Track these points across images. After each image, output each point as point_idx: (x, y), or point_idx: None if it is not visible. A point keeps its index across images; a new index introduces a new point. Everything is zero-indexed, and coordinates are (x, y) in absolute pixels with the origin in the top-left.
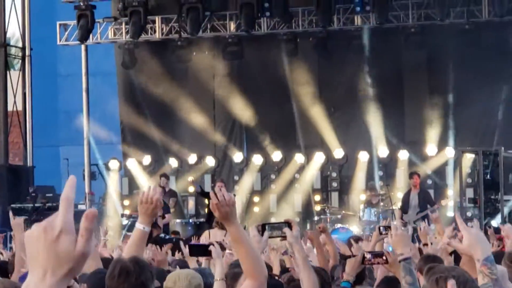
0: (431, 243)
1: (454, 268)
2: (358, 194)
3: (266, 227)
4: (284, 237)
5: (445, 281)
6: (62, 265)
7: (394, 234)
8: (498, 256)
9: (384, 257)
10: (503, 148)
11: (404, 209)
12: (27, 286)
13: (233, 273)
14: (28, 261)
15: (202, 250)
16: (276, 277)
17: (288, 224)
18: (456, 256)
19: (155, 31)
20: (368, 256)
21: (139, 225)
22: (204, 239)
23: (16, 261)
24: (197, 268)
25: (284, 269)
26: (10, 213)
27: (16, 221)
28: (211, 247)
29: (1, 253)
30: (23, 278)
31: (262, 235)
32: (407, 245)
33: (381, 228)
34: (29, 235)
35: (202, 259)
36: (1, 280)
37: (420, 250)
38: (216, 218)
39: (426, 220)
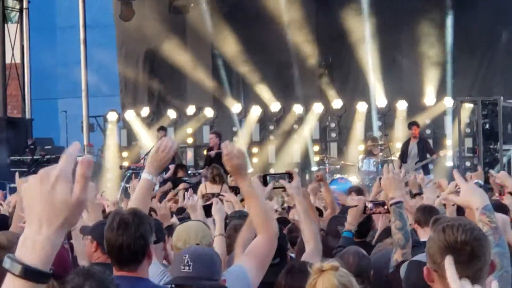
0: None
1: (459, 217)
2: (357, 145)
3: (267, 177)
4: (285, 188)
5: (452, 229)
6: (58, 215)
7: (385, 177)
8: (499, 206)
9: (385, 207)
10: (502, 97)
11: (403, 158)
12: (24, 239)
13: (234, 225)
14: (25, 214)
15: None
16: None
17: (289, 174)
18: (459, 209)
19: None
20: (369, 205)
21: (146, 175)
22: (200, 191)
23: (14, 217)
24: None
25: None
26: (17, 175)
27: (21, 180)
28: (212, 200)
29: (1, 204)
30: None
31: (264, 185)
32: (398, 188)
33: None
34: (26, 187)
35: None
36: (4, 232)
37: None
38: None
39: (424, 169)
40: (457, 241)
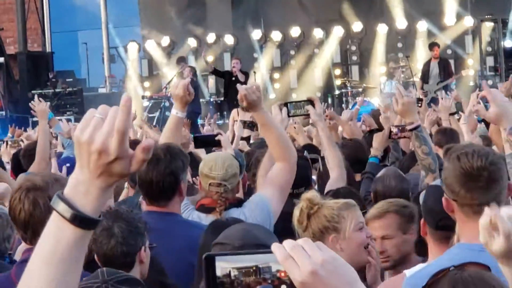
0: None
1: (471, 144)
2: (379, 67)
3: (288, 105)
4: (307, 115)
5: (467, 156)
6: (114, 178)
7: (400, 103)
8: None
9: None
10: None
11: (425, 79)
12: (76, 184)
13: (257, 157)
14: (78, 161)
15: (209, 141)
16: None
17: (310, 101)
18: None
19: None
20: (394, 130)
21: (173, 110)
22: (232, 118)
23: (38, 150)
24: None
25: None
26: (36, 98)
27: (41, 107)
28: (219, 137)
29: (22, 141)
30: (64, 160)
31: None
32: (414, 111)
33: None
34: (81, 144)
35: None
36: (38, 173)
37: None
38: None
39: (446, 90)
40: (473, 167)
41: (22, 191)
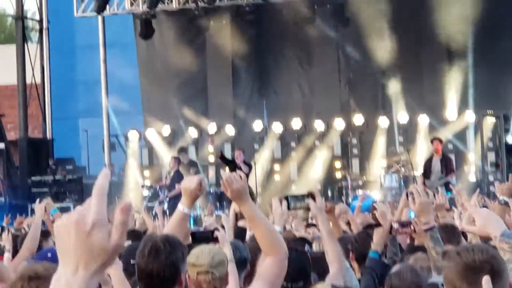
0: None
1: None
2: (379, 160)
3: (289, 198)
4: (307, 209)
5: (467, 251)
6: (95, 259)
7: (418, 202)
8: None
9: (411, 227)
10: None
11: (426, 174)
12: (58, 279)
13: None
14: (59, 253)
15: (207, 237)
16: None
17: (311, 195)
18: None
19: (172, 1)
20: (395, 225)
21: (180, 206)
22: (233, 211)
23: (26, 242)
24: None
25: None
26: (37, 202)
27: (38, 205)
28: (216, 233)
29: (24, 228)
30: (40, 256)
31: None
32: (430, 212)
33: (408, 194)
34: (60, 227)
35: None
36: (41, 262)
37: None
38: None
39: (447, 186)
40: (475, 260)
41: (24, 280)
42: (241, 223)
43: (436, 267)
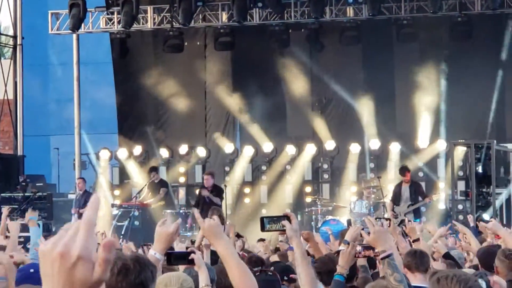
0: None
1: (455, 270)
2: (350, 186)
3: (264, 220)
4: (283, 231)
5: (446, 280)
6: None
7: (372, 231)
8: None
9: (375, 249)
10: (495, 141)
11: (396, 201)
12: None
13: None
14: (42, 277)
15: (182, 258)
16: (270, 272)
17: (287, 217)
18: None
19: (147, 21)
20: (358, 248)
21: (152, 251)
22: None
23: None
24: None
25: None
26: (4, 217)
27: (13, 225)
28: (192, 255)
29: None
30: (23, 270)
31: (262, 228)
32: (386, 240)
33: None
34: (45, 254)
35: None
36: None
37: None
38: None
39: (416, 213)
40: None
41: None
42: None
43: None
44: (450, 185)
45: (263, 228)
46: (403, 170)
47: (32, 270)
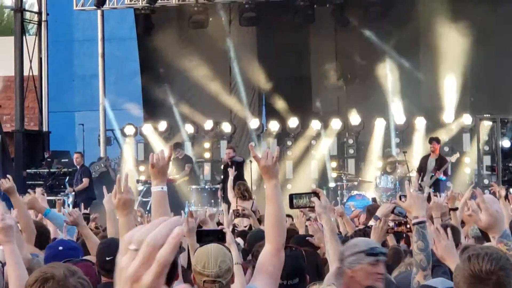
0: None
1: (487, 246)
2: (375, 161)
3: (293, 196)
4: (312, 207)
5: (477, 258)
6: None
7: (408, 196)
8: None
9: (408, 226)
10: None
11: (422, 171)
12: None
13: (257, 250)
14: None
15: (213, 235)
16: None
17: (316, 194)
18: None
19: None
20: (391, 224)
21: (156, 188)
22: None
23: (23, 227)
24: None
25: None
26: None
27: (6, 185)
28: (225, 231)
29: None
30: (52, 247)
31: (290, 205)
32: (422, 208)
33: (401, 196)
34: (121, 268)
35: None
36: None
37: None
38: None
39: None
40: (481, 270)
41: (39, 283)
42: (236, 221)
43: (415, 261)
44: (476, 160)
45: (291, 205)
46: (432, 140)
47: (61, 248)
